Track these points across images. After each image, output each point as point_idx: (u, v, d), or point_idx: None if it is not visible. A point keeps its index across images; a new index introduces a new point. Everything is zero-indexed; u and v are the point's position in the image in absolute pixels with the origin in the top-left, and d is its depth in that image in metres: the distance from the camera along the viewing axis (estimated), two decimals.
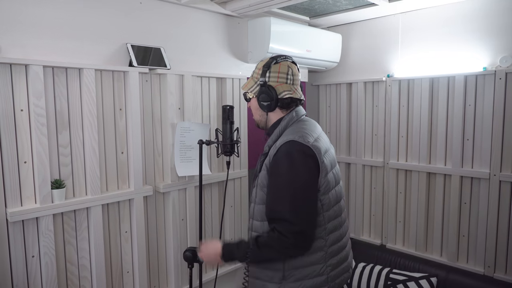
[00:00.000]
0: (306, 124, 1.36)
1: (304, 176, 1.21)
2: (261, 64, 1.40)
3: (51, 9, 1.54)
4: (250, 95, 1.43)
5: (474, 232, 2.21)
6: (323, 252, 1.28)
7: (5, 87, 1.42)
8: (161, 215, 1.99)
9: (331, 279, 1.29)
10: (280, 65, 1.37)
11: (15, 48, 1.46)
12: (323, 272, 1.28)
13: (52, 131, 1.55)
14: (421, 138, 2.38)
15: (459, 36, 2.22)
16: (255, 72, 1.42)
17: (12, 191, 1.46)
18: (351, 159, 2.77)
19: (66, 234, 1.63)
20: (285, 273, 1.27)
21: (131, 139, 1.77)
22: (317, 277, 1.27)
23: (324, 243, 1.28)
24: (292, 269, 1.27)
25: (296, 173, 1.21)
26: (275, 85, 1.35)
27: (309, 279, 1.27)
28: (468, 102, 2.18)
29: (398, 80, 2.47)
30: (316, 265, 1.27)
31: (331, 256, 1.30)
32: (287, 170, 1.22)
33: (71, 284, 1.65)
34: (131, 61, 1.76)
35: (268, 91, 1.34)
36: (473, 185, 2.19)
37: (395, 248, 2.54)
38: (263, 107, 1.37)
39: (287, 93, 1.36)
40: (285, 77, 1.37)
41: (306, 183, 1.21)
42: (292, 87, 1.38)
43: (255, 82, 1.40)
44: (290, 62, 1.41)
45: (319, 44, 2.55)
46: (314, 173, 1.23)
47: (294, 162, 1.22)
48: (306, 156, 1.23)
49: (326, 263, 1.28)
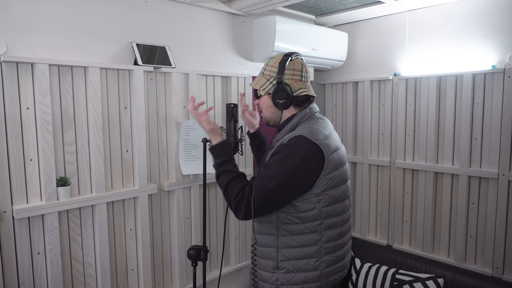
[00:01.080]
0: (319, 121, 1.37)
1: (291, 171, 1.23)
2: (274, 61, 1.39)
3: (57, 9, 1.56)
4: (262, 93, 1.42)
5: (482, 232, 2.17)
6: (318, 247, 1.28)
7: (12, 86, 1.44)
8: (166, 213, 1.99)
9: (325, 276, 1.30)
10: (294, 62, 1.37)
11: (22, 47, 1.47)
12: (317, 267, 1.28)
13: (58, 129, 1.56)
14: (428, 137, 2.35)
15: (467, 33, 2.19)
16: (266, 70, 1.41)
17: (18, 189, 1.48)
18: (357, 158, 2.75)
19: (71, 231, 1.64)
20: (278, 263, 1.29)
21: (136, 138, 1.78)
22: (310, 271, 1.28)
23: (320, 237, 1.28)
24: (285, 260, 1.29)
25: (287, 166, 1.23)
26: (290, 83, 1.35)
27: (302, 272, 1.28)
28: (476, 100, 2.14)
29: (405, 79, 2.44)
30: (310, 259, 1.28)
31: (327, 252, 1.30)
32: (282, 159, 1.25)
33: (76, 281, 1.66)
34: (136, 59, 1.77)
35: (284, 89, 1.33)
36: (481, 185, 2.16)
37: (401, 248, 2.52)
38: (279, 105, 1.36)
39: (303, 90, 1.36)
40: (300, 74, 1.37)
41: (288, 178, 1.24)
42: (306, 85, 1.39)
43: (267, 80, 1.39)
44: (301, 59, 1.41)
45: (325, 43, 2.53)
46: (305, 173, 1.25)
47: (292, 155, 1.24)
48: (307, 155, 1.23)
49: (320, 258, 1.28)
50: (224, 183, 1.35)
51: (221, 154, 1.42)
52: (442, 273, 2.19)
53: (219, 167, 1.40)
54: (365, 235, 2.75)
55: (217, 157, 1.43)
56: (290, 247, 1.29)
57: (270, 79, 1.38)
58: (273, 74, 1.37)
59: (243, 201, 1.27)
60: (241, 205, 1.27)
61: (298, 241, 1.28)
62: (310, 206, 1.26)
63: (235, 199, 1.29)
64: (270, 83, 1.37)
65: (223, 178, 1.36)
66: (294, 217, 1.28)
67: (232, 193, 1.30)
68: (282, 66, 1.33)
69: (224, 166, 1.39)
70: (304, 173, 1.24)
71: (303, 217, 1.27)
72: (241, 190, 1.29)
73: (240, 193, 1.29)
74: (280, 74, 1.33)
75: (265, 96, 1.42)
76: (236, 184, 1.32)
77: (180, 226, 1.99)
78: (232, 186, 1.32)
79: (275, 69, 1.36)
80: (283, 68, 1.33)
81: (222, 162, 1.40)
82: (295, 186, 1.25)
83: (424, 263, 2.30)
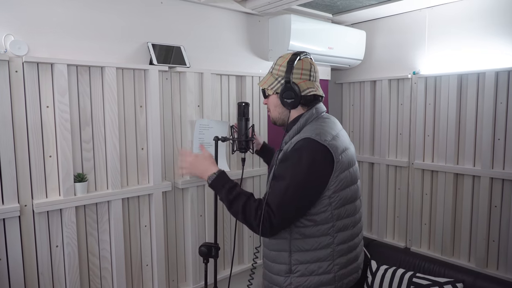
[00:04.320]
0: (326, 121, 1.34)
1: (305, 176, 1.21)
2: (282, 60, 1.38)
3: (76, 11, 1.62)
4: (270, 92, 1.41)
5: (505, 237, 2.08)
6: (330, 249, 1.26)
7: (33, 85, 1.50)
8: (180, 210, 2.03)
9: (339, 278, 1.27)
10: (303, 62, 1.35)
11: (42, 48, 1.54)
12: (330, 270, 1.26)
13: (76, 127, 1.62)
14: (448, 137, 2.28)
15: (489, 30, 2.11)
16: (275, 69, 1.40)
17: (38, 184, 1.54)
18: (374, 159, 2.70)
19: (88, 226, 1.69)
20: (291, 267, 1.28)
21: (151, 136, 1.82)
22: (324, 274, 1.26)
23: (332, 240, 1.26)
24: (298, 264, 1.27)
25: (299, 172, 1.21)
26: (298, 82, 1.33)
27: (316, 276, 1.26)
28: (499, 99, 2.06)
29: (424, 77, 2.38)
30: (323, 262, 1.26)
31: (340, 255, 1.28)
32: (292, 166, 1.22)
33: (92, 274, 1.72)
34: (152, 59, 1.81)
35: (292, 88, 1.31)
36: (504, 187, 2.07)
37: (420, 251, 2.45)
38: (287, 104, 1.33)
39: (311, 90, 1.34)
40: (308, 74, 1.36)
41: (303, 184, 1.21)
42: (315, 84, 1.37)
43: (275, 79, 1.37)
44: (310, 59, 1.39)
45: (342, 42, 2.50)
46: (318, 175, 1.23)
47: (301, 160, 1.21)
48: (317, 157, 1.22)
49: (334, 261, 1.26)
50: (240, 209, 1.26)
51: (226, 182, 1.34)
52: (462, 278, 2.11)
53: (228, 195, 1.30)
54: (382, 237, 2.70)
55: (222, 187, 1.33)
56: (303, 250, 1.28)
57: (278, 78, 1.36)
58: (282, 73, 1.35)
59: (266, 219, 1.22)
60: (265, 223, 1.22)
61: (311, 244, 1.27)
62: (322, 208, 1.24)
63: (255, 219, 1.23)
64: (278, 82, 1.36)
65: (237, 205, 1.28)
66: (307, 220, 1.26)
67: (250, 215, 1.24)
68: (291, 65, 1.32)
69: (232, 193, 1.30)
70: (317, 175, 1.22)
71: (315, 219, 1.25)
72: (258, 210, 1.23)
73: (259, 213, 1.23)
74: (288, 74, 1.31)
75: (273, 95, 1.40)
76: (251, 205, 1.25)
77: (194, 223, 2.01)
78: (248, 209, 1.25)
79: (284, 68, 1.35)
80: (291, 68, 1.31)
81: (229, 188, 1.31)
82: (311, 191, 1.23)
83: (443, 267, 2.22)
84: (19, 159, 1.50)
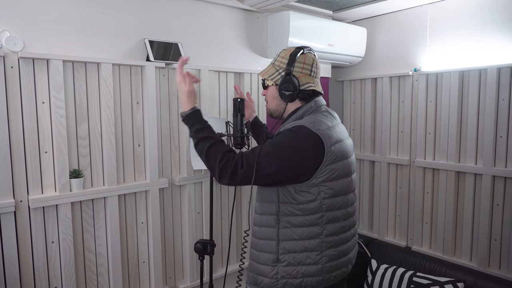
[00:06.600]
0: (324, 114, 1.34)
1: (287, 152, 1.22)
2: (285, 53, 1.38)
3: (71, 7, 1.62)
4: (270, 83, 1.41)
5: (507, 236, 2.05)
6: (319, 240, 1.25)
7: (28, 81, 1.50)
8: (177, 207, 2.02)
9: (327, 270, 1.27)
10: (305, 56, 1.36)
11: (38, 44, 1.54)
12: (318, 261, 1.25)
13: (72, 123, 1.62)
14: (450, 135, 2.24)
15: (491, 26, 2.08)
16: (277, 60, 1.40)
17: (34, 179, 1.54)
18: (375, 157, 2.67)
19: (84, 222, 1.69)
20: (279, 256, 1.28)
21: (148, 132, 1.82)
22: (311, 265, 1.25)
23: (321, 230, 1.25)
24: (285, 253, 1.27)
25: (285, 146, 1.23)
26: (298, 76, 1.34)
27: (303, 265, 1.26)
28: (501, 96, 2.03)
29: (425, 74, 2.35)
30: (311, 252, 1.25)
31: (329, 246, 1.27)
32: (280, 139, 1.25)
33: (88, 270, 1.72)
34: (148, 56, 1.80)
35: (292, 81, 1.32)
36: (506, 186, 2.04)
37: (421, 250, 2.42)
38: (284, 96, 1.34)
39: (310, 85, 1.35)
40: (310, 69, 1.36)
41: (284, 157, 1.22)
42: (315, 80, 1.37)
43: (276, 70, 1.38)
44: (313, 55, 1.39)
45: (342, 39, 2.48)
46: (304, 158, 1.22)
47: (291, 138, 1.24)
48: (306, 143, 1.22)
49: (322, 252, 1.25)
50: (205, 149, 1.28)
51: (197, 121, 1.36)
52: (463, 278, 2.08)
53: (197, 134, 1.32)
54: (383, 236, 2.67)
55: (193, 125, 1.35)
56: (291, 239, 1.27)
57: (279, 70, 1.37)
58: (283, 65, 1.36)
59: (229, 165, 1.23)
60: (226, 168, 1.23)
61: (299, 233, 1.26)
62: (311, 197, 1.24)
63: (219, 163, 1.23)
64: (279, 74, 1.37)
65: (203, 145, 1.30)
66: (295, 209, 1.26)
67: (216, 157, 1.25)
68: (293, 58, 1.33)
69: (202, 132, 1.32)
70: (301, 158, 1.22)
71: (304, 208, 1.25)
72: (225, 154, 1.25)
73: (225, 157, 1.24)
74: (289, 66, 1.32)
75: (272, 86, 1.41)
76: (218, 149, 1.27)
77: (191, 220, 2.01)
78: (214, 151, 1.27)
79: (286, 61, 1.36)
80: (293, 61, 1.33)
81: (199, 129, 1.33)
82: (290, 167, 1.22)
83: (444, 267, 2.19)
84: (14, 155, 1.50)
